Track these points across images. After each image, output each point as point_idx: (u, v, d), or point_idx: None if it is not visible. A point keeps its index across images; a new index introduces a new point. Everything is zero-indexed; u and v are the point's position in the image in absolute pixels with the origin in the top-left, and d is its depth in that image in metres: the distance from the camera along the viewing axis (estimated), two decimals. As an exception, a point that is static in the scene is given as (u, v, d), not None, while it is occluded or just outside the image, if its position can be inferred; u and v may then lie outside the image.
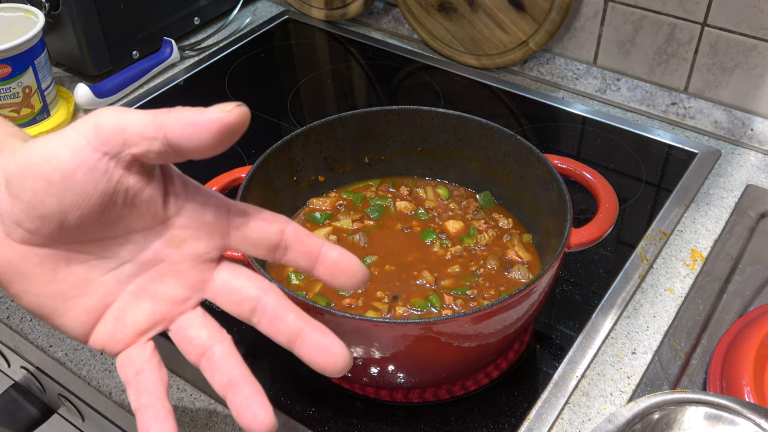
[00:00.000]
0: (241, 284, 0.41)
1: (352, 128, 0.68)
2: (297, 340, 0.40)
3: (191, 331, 0.42)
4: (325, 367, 0.39)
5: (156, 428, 0.38)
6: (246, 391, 0.39)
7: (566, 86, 0.96)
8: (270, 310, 0.41)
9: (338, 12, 1.09)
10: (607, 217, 0.58)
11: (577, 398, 0.59)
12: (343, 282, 0.40)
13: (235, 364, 0.41)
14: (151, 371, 0.41)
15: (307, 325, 0.40)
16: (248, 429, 0.37)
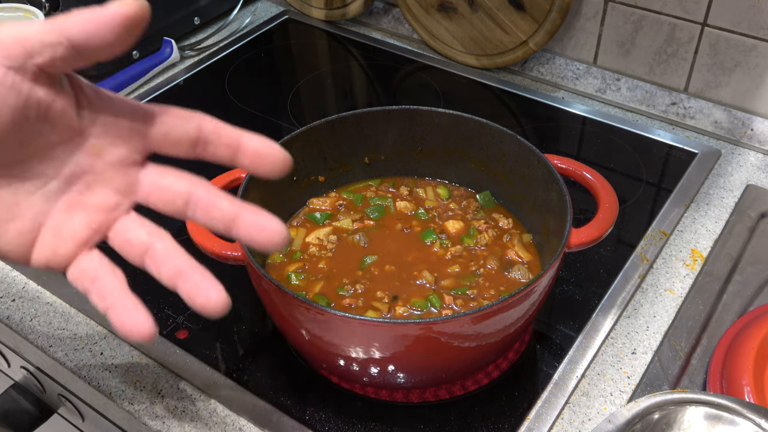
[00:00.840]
0: (170, 182, 0.42)
1: (352, 128, 0.68)
2: (234, 224, 0.40)
3: (129, 233, 0.42)
4: (265, 244, 0.39)
5: (129, 320, 0.39)
6: (195, 276, 0.39)
7: (566, 86, 0.96)
8: (203, 200, 0.41)
9: (338, 12, 1.09)
10: (607, 217, 0.58)
11: (577, 398, 0.59)
12: (266, 169, 0.40)
13: (180, 255, 0.41)
14: (106, 274, 0.41)
15: (241, 208, 0.40)
16: (204, 311, 0.38)
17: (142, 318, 0.39)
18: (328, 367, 0.58)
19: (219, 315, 0.39)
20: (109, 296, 0.40)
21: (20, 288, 0.70)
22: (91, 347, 0.64)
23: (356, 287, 0.61)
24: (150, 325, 0.39)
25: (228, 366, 0.62)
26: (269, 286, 0.53)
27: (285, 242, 0.39)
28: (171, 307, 0.67)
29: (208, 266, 0.68)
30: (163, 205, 0.41)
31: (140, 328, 0.39)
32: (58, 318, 0.67)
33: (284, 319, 0.55)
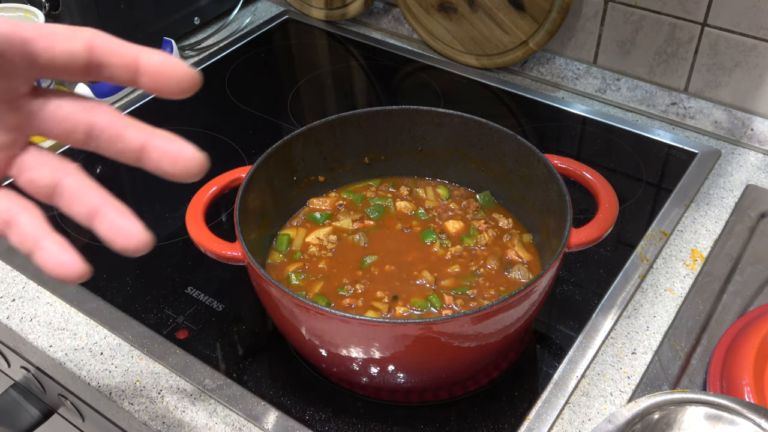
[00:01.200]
0: (68, 111, 0.38)
1: (352, 128, 0.68)
2: (143, 155, 0.37)
3: (32, 172, 0.38)
4: (180, 174, 0.37)
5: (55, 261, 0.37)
6: (111, 214, 0.37)
7: (566, 86, 0.96)
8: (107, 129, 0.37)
9: (338, 12, 1.09)
10: (607, 217, 0.58)
11: (577, 398, 0.59)
12: (171, 88, 0.37)
13: (91, 191, 0.38)
14: (20, 213, 0.38)
15: (150, 135, 0.37)
16: (125, 250, 0.37)
17: (69, 258, 0.37)
18: (328, 367, 0.58)
19: (140, 253, 0.37)
20: (30, 238, 0.37)
21: (20, 288, 0.70)
22: (91, 347, 0.64)
23: (356, 287, 0.61)
24: (78, 264, 0.37)
25: (228, 366, 0.62)
26: (269, 286, 0.53)
27: (202, 170, 0.36)
28: (171, 307, 0.67)
29: (209, 266, 0.68)
30: (64, 136, 0.38)
31: (69, 269, 0.37)
32: (58, 318, 0.67)
33: (284, 319, 0.55)
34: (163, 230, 0.76)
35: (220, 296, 0.68)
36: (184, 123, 0.90)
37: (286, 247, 0.65)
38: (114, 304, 0.67)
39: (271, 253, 0.65)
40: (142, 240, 0.36)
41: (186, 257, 0.72)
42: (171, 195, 0.82)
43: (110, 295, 0.68)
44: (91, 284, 0.69)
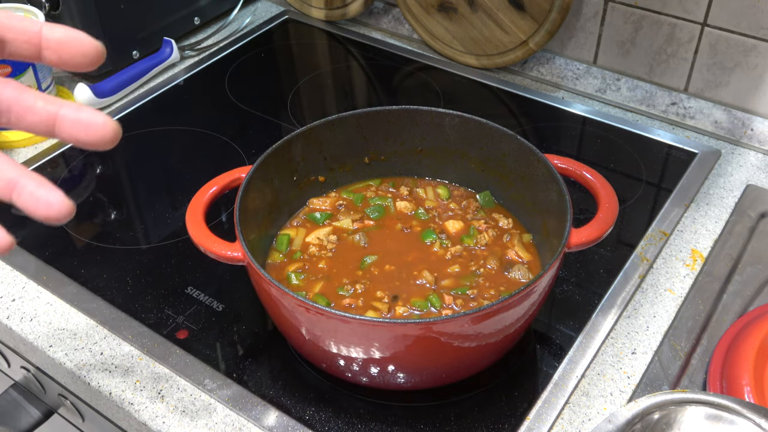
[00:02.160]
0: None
1: (352, 128, 0.68)
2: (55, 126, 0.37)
3: None
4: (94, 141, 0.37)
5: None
6: (30, 186, 0.36)
7: (566, 86, 0.96)
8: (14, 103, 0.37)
9: (338, 12, 1.09)
10: (607, 217, 0.58)
11: (577, 398, 0.59)
12: (76, 62, 0.37)
13: (7, 164, 0.37)
14: None
15: (59, 107, 0.37)
16: (48, 219, 0.36)
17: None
18: (328, 367, 0.58)
19: (63, 221, 0.37)
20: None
21: (20, 288, 0.70)
22: (91, 347, 0.64)
23: (356, 287, 0.61)
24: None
25: (228, 366, 0.62)
26: (269, 286, 0.53)
27: (116, 136, 0.36)
28: (171, 307, 0.67)
29: (209, 266, 0.68)
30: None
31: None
32: (58, 318, 0.67)
33: (284, 319, 0.55)
34: (163, 230, 0.76)
35: (220, 296, 0.68)
36: (184, 123, 0.90)
37: (286, 247, 0.65)
38: (114, 304, 0.67)
39: (271, 253, 0.65)
40: (63, 208, 0.36)
41: (186, 257, 0.72)
42: (171, 195, 0.82)
43: (110, 295, 0.68)
44: (91, 284, 0.69)
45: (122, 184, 0.84)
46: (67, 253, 0.74)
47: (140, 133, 0.89)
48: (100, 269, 0.72)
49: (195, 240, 0.56)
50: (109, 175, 0.85)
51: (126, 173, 0.85)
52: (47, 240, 0.75)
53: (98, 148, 0.37)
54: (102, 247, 0.74)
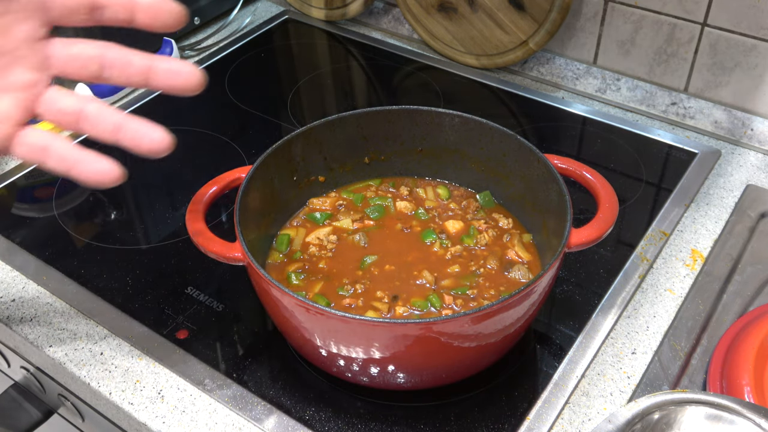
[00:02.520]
0: (80, 49, 0.43)
1: (352, 128, 0.68)
2: (151, 74, 0.43)
3: (59, 103, 0.44)
4: (183, 86, 0.43)
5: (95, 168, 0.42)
6: (133, 125, 0.42)
7: (566, 86, 0.96)
8: (117, 59, 0.43)
9: (338, 12, 1.09)
10: (607, 217, 0.58)
11: (577, 398, 0.59)
12: (162, 23, 0.43)
13: (112, 111, 0.43)
14: (55, 140, 0.43)
15: (153, 59, 0.43)
16: (151, 153, 0.42)
17: (107, 165, 0.42)
18: (328, 367, 0.58)
19: (165, 153, 0.43)
20: (68, 156, 0.43)
21: (20, 288, 0.70)
22: (91, 347, 0.64)
23: (356, 287, 0.61)
24: (116, 168, 0.43)
25: (228, 366, 0.62)
26: (269, 286, 0.53)
27: (201, 84, 0.42)
28: (171, 307, 0.67)
29: (209, 266, 0.68)
30: (79, 72, 0.43)
31: (107, 174, 0.43)
32: (58, 318, 0.67)
33: (284, 319, 0.55)
34: (163, 230, 0.76)
35: (220, 296, 0.68)
36: (184, 123, 0.90)
37: (286, 247, 0.65)
38: (114, 304, 0.67)
39: (271, 253, 0.65)
40: (165, 141, 0.42)
41: (186, 257, 0.72)
42: (171, 195, 0.82)
43: (110, 295, 0.68)
44: (91, 284, 0.69)
45: (122, 184, 0.84)
46: (67, 253, 0.74)
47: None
48: (100, 269, 0.72)
49: (195, 240, 0.56)
50: (109, 175, 0.85)
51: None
52: (47, 240, 0.75)
53: (187, 94, 0.43)
54: (102, 247, 0.74)
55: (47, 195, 0.81)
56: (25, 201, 0.82)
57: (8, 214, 0.79)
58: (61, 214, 0.79)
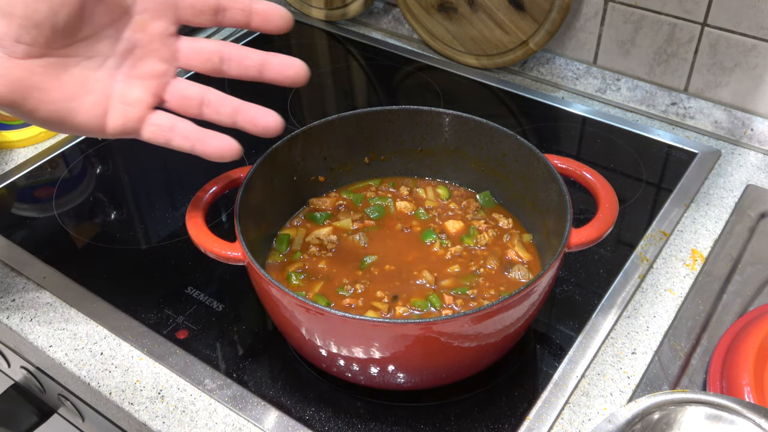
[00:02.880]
0: (203, 45, 0.50)
1: (352, 128, 0.68)
2: (264, 67, 0.49)
3: (184, 91, 0.50)
4: (293, 78, 0.49)
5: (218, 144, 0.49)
6: (251, 108, 0.49)
7: (566, 86, 0.96)
8: (234, 54, 0.49)
9: (338, 12, 1.09)
10: (607, 217, 0.58)
11: (577, 398, 0.59)
12: (274, 25, 0.49)
13: (232, 98, 0.50)
14: (180, 121, 0.50)
15: (267, 54, 0.49)
16: (266, 131, 0.49)
17: (228, 140, 0.49)
18: (328, 367, 0.58)
19: (278, 133, 0.50)
20: (192, 135, 0.50)
21: (20, 288, 0.70)
22: (91, 347, 0.64)
23: (356, 287, 0.61)
24: (236, 143, 0.50)
25: (228, 366, 0.62)
26: (269, 286, 0.53)
27: (306, 76, 0.49)
28: (171, 307, 0.67)
29: (209, 266, 0.68)
30: (202, 64, 0.50)
31: (230, 148, 0.50)
32: (58, 318, 0.67)
33: (284, 319, 0.55)
34: (163, 230, 0.76)
35: (220, 296, 0.68)
36: (184, 123, 0.90)
37: (286, 247, 0.65)
38: (114, 304, 0.67)
39: (271, 253, 0.65)
40: (277, 122, 0.50)
41: (186, 257, 0.72)
42: (171, 195, 0.82)
43: (110, 295, 0.68)
44: (91, 284, 0.69)
45: (122, 184, 0.84)
46: (67, 253, 0.74)
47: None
48: (100, 269, 0.72)
49: (195, 240, 0.56)
50: (109, 175, 0.85)
51: (126, 173, 0.85)
52: (47, 240, 0.75)
53: (295, 85, 0.50)
54: (102, 247, 0.74)
55: (47, 195, 0.81)
56: (25, 201, 0.82)
57: (8, 214, 0.79)
58: (61, 214, 0.79)
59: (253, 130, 0.49)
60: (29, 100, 0.46)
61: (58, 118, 0.47)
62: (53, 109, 0.46)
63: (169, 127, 0.49)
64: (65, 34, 0.45)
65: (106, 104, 0.48)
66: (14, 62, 0.44)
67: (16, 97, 0.45)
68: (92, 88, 0.47)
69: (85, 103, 0.47)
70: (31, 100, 0.46)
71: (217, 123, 0.50)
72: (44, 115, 0.46)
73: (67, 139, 0.89)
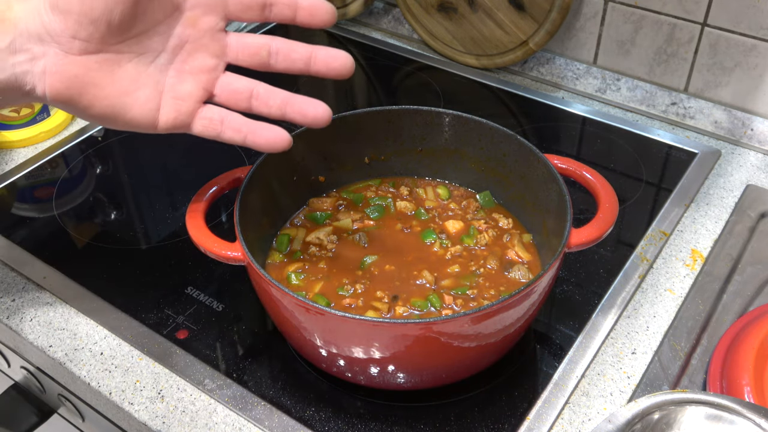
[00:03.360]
0: (251, 40, 0.50)
1: (352, 128, 0.68)
2: (311, 60, 0.49)
3: (234, 85, 0.51)
4: (340, 70, 0.49)
5: (270, 135, 0.50)
6: (299, 99, 0.50)
7: (566, 86, 0.96)
8: (282, 48, 0.50)
9: (338, 12, 1.09)
10: (607, 217, 0.58)
11: (577, 398, 0.59)
12: (319, 19, 0.49)
13: (280, 90, 0.50)
14: (230, 114, 0.51)
15: (314, 47, 0.49)
16: (315, 120, 0.50)
17: (279, 131, 0.50)
18: (328, 367, 0.58)
19: (326, 123, 0.50)
20: (243, 127, 0.50)
21: (20, 288, 0.70)
22: (91, 347, 0.64)
23: (356, 287, 0.61)
24: (287, 134, 0.50)
25: (228, 366, 0.62)
26: (269, 286, 0.53)
27: (353, 67, 0.50)
28: (171, 307, 0.67)
29: (209, 266, 0.68)
30: (250, 58, 0.50)
31: (281, 138, 0.50)
32: (58, 318, 0.67)
33: (284, 319, 0.55)
34: (163, 230, 0.76)
35: (220, 296, 0.68)
36: (184, 123, 0.90)
37: (286, 247, 0.65)
38: (114, 304, 0.67)
39: (271, 253, 0.65)
40: (326, 112, 0.50)
41: (186, 257, 0.72)
42: (171, 195, 0.82)
43: (110, 295, 0.68)
44: (91, 284, 0.69)
45: (122, 184, 0.84)
46: (67, 253, 0.74)
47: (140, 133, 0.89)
48: (100, 269, 0.72)
49: (195, 240, 0.56)
50: (109, 175, 0.85)
51: (126, 173, 0.85)
52: (47, 240, 0.75)
53: (341, 77, 0.50)
54: (102, 247, 0.74)
55: (47, 195, 0.81)
56: (25, 201, 0.82)
57: (8, 214, 0.79)
58: (61, 214, 0.79)
59: (302, 121, 0.50)
60: (85, 96, 0.47)
61: (112, 114, 0.48)
62: (107, 105, 0.48)
63: (220, 120, 0.50)
64: (120, 30, 0.46)
65: (159, 99, 0.49)
66: (71, 59, 0.46)
67: (73, 94, 0.46)
68: (145, 84, 0.48)
69: (139, 98, 0.48)
70: (86, 96, 0.47)
71: (266, 115, 0.51)
72: (99, 111, 0.48)
73: (67, 139, 0.89)
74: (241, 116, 0.51)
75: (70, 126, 0.92)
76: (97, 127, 0.91)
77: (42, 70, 0.46)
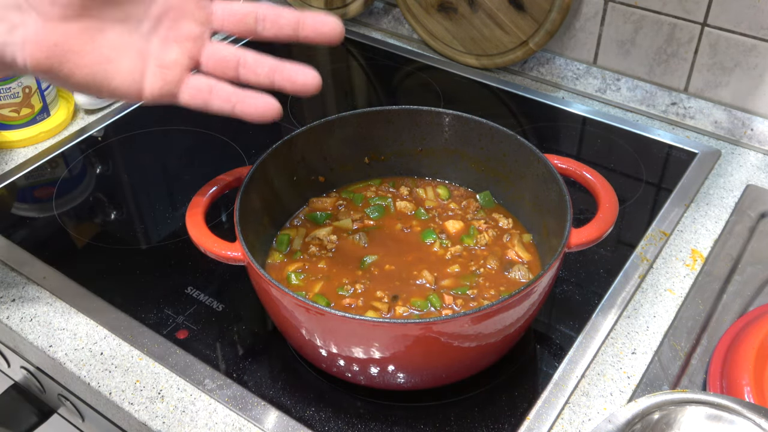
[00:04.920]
0: (237, 7, 0.49)
1: (352, 128, 0.68)
2: (299, 25, 0.48)
3: (221, 53, 0.49)
4: (330, 35, 0.48)
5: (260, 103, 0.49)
6: (288, 66, 0.49)
7: (566, 86, 0.96)
8: (269, 14, 0.49)
9: (338, 12, 1.09)
10: (607, 217, 0.58)
11: (577, 398, 0.59)
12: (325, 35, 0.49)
13: (268, 57, 0.50)
14: (218, 83, 0.49)
15: (302, 13, 0.48)
16: (304, 86, 0.48)
17: (269, 99, 0.49)
18: (328, 367, 0.58)
19: (316, 90, 0.48)
20: (232, 96, 0.49)
21: (20, 288, 0.70)
22: (91, 347, 0.64)
23: (356, 287, 0.61)
24: (276, 102, 0.49)
25: (228, 366, 0.62)
26: (269, 286, 0.53)
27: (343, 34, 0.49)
28: (171, 307, 0.67)
29: (209, 266, 0.68)
30: (236, 25, 0.49)
31: (271, 107, 0.49)
32: (58, 318, 0.67)
33: (284, 319, 0.55)
34: (163, 230, 0.76)
35: (220, 296, 0.68)
36: (184, 123, 0.90)
37: (286, 247, 0.65)
38: (114, 304, 0.67)
39: (271, 253, 0.65)
40: (315, 78, 0.48)
41: (186, 257, 0.72)
42: (171, 195, 0.82)
43: (110, 295, 0.68)
44: (91, 284, 0.69)
45: (122, 184, 0.84)
46: (67, 253, 0.74)
47: (140, 133, 0.89)
48: (100, 269, 0.72)
49: (195, 240, 0.56)
50: (109, 175, 0.85)
51: (126, 173, 0.85)
52: (47, 240, 0.75)
53: (332, 43, 0.49)
54: (102, 247, 0.74)
55: (47, 195, 0.81)
56: (25, 201, 0.82)
57: (8, 214, 0.79)
58: (61, 214, 0.79)
59: (291, 88, 0.49)
60: (66, 65, 0.46)
61: (94, 83, 0.47)
62: (89, 73, 0.47)
63: (208, 89, 0.49)
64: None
65: (143, 67, 0.48)
66: (50, 26, 0.45)
67: (53, 63, 0.45)
68: (128, 52, 0.47)
69: (122, 66, 0.47)
70: (67, 64, 0.46)
71: (255, 84, 0.50)
72: (81, 79, 0.47)
73: (67, 138, 0.89)
74: (229, 85, 0.49)
75: (70, 126, 0.92)
76: (97, 127, 0.91)
77: (22, 40, 0.45)
